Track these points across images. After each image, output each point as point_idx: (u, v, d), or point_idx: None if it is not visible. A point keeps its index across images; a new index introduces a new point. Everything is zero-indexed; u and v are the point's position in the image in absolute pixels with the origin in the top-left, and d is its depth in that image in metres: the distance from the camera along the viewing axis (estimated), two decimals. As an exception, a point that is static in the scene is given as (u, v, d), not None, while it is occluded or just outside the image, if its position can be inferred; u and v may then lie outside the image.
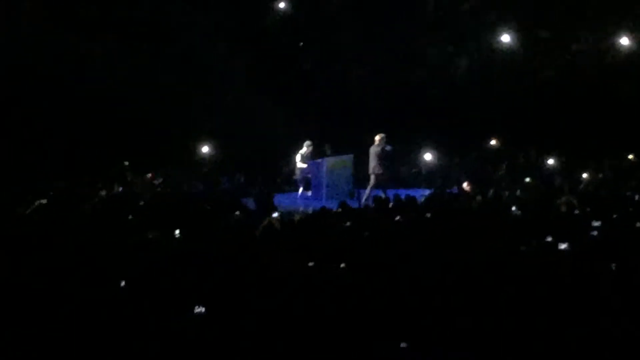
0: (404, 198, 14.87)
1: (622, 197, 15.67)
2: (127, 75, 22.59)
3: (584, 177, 20.82)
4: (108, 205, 15.05)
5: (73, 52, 22.28)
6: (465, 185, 19.58)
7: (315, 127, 23.97)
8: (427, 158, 24.53)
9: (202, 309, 7.07)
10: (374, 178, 21.03)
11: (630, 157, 23.15)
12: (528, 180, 20.98)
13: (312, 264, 8.56)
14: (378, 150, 21.04)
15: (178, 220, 11.98)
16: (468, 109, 24.99)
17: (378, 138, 21.12)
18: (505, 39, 25.90)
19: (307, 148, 22.53)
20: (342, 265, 8.58)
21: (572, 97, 24.84)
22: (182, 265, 8.16)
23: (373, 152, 21.09)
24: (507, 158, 24.38)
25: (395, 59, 25.64)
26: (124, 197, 18.33)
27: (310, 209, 16.35)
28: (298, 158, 22.54)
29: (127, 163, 22.86)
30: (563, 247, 9.33)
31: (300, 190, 22.38)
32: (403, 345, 6.65)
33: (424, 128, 24.59)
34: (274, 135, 23.57)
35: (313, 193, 21.82)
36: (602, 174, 21.42)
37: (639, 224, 11.50)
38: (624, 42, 25.09)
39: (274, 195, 18.68)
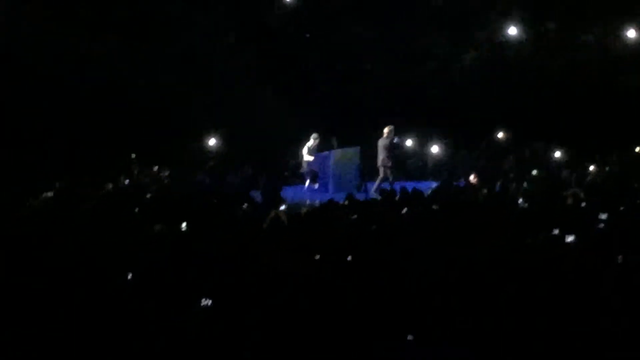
0: (411, 191, 14.86)
1: (629, 189, 15.62)
2: (130, 71, 22.56)
3: (591, 169, 20.80)
4: (114, 199, 15.07)
5: (73, 52, 22.27)
6: (472, 178, 19.56)
7: (322, 119, 23.94)
8: (434, 151, 24.52)
9: (208, 302, 7.08)
10: (383, 171, 20.99)
11: (637, 149, 23.13)
12: (535, 173, 20.95)
13: (318, 257, 8.56)
14: (387, 143, 21.00)
15: (184, 214, 11.98)
16: (475, 102, 24.94)
17: (387, 130, 21.10)
18: (512, 32, 25.85)
19: (314, 141, 22.53)
20: (348, 259, 8.59)
21: (578, 89, 24.78)
22: (188, 259, 8.17)
23: (381, 144, 21.06)
24: (513, 151, 24.35)
25: (402, 52, 25.60)
26: (131, 190, 18.35)
27: (317, 202, 16.35)
28: (305, 151, 22.54)
29: (134, 156, 22.88)
30: (570, 239, 9.32)
31: (307, 183, 22.39)
32: (409, 338, 6.65)
33: (431, 121, 24.55)
34: (281, 128, 23.54)
35: (320, 186, 21.84)
36: (608, 167, 21.38)
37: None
38: (631, 34, 25.02)
39: (281, 188, 18.70)
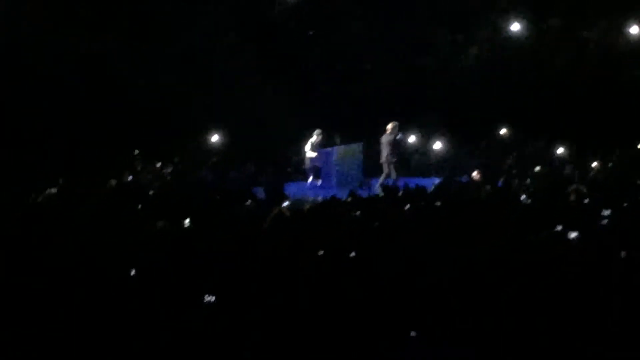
0: (414, 187, 14.87)
1: (632, 185, 15.63)
2: (130, 71, 22.58)
3: (594, 165, 20.81)
4: (117, 195, 15.07)
5: (73, 52, 22.28)
6: (475, 174, 19.58)
7: (325, 116, 23.96)
8: (436, 147, 24.52)
9: (211, 299, 7.08)
10: (387, 167, 20.99)
11: (640, 145, 23.15)
12: (538, 169, 20.96)
13: (321, 253, 8.56)
14: (390, 139, 20.99)
15: (187, 211, 11.98)
16: (478, 98, 24.94)
17: (390, 126, 21.08)
18: (515, 28, 25.84)
19: (316, 137, 22.54)
20: (351, 255, 8.58)
21: (581, 86, 24.78)
22: (191, 256, 8.17)
23: (385, 140, 21.05)
24: (516, 147, 24.36)
25: (405, 47, 25.61)
26: (133, 186, 18.35)
27: (320, 198, 16.36)
28: (308, 147, 22.56)
29: (137, 152, 22.90)
30: (572, 236, 9.30)
31: (310, 179, 22.40)
32: (413, 334, 6.66)
33: (434, 117, 24.57)
34: (284, 125, 23.56)
35: (323, 182, 21.85)
36: (611, 163, 21.37)
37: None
38: (633, 31, 25.00)
39: (284, 185, 18.70)
